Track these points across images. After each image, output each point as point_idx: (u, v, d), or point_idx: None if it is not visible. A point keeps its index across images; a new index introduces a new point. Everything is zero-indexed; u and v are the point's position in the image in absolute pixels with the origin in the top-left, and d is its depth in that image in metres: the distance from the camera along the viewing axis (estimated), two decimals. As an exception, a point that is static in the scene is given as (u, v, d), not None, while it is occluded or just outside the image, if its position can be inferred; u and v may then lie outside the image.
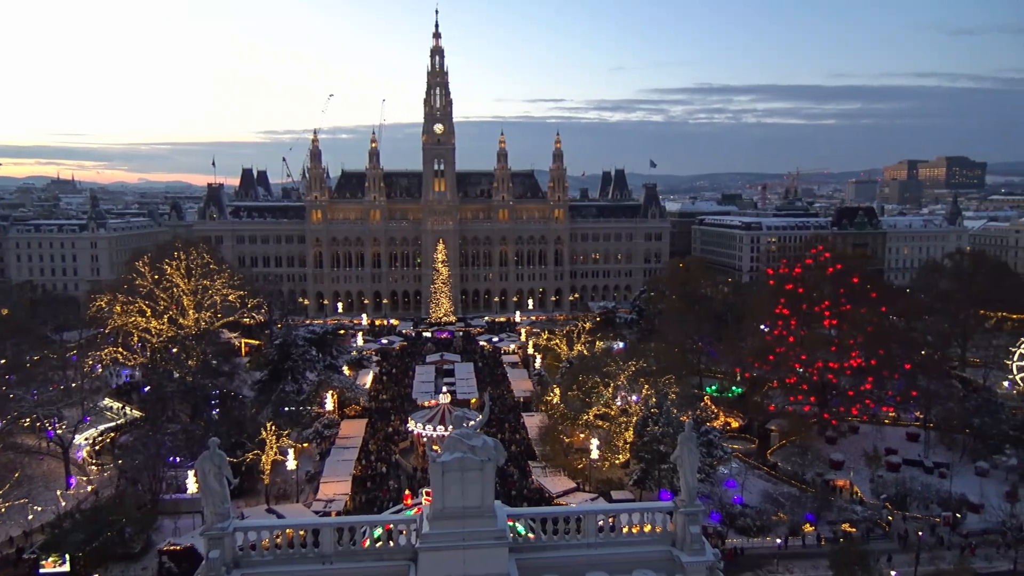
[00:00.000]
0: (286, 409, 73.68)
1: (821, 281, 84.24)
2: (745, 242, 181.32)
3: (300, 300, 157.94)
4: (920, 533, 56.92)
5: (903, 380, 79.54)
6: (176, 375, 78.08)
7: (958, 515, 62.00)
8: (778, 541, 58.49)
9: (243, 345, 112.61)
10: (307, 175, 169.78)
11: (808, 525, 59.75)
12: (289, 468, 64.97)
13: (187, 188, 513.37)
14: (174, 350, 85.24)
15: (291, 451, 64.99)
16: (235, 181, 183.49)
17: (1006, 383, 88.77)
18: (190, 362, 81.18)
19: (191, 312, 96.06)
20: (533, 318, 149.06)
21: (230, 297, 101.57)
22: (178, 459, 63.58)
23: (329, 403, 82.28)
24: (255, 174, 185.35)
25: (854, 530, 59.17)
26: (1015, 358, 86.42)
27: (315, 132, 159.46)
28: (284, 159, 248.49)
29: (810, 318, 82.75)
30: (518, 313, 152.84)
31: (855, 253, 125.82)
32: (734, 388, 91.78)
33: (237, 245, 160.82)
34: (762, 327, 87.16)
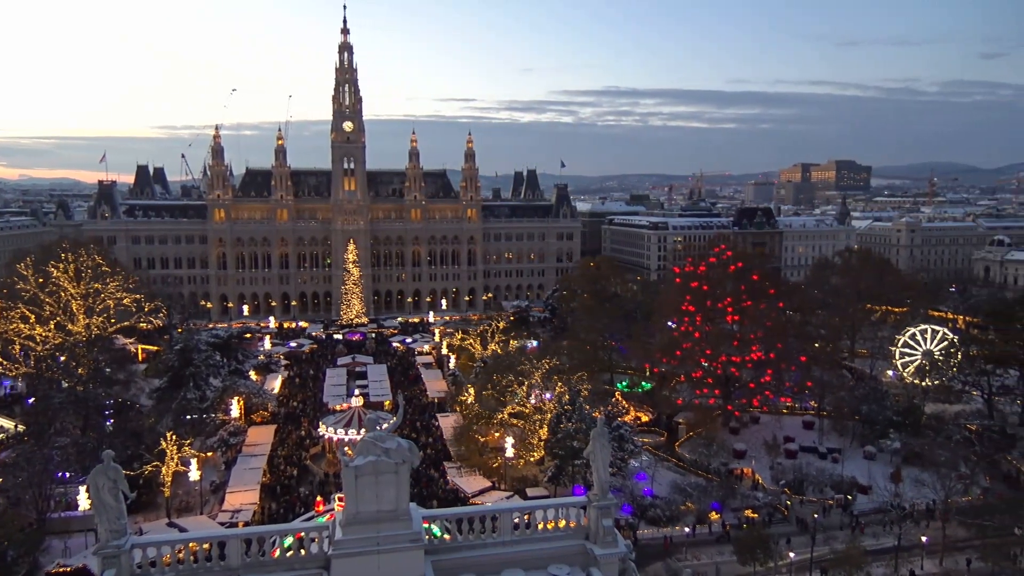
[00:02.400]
0: (188, 417, 70.29)
1: (724, 279, 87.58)
2: (653, 241, 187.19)
3: (202, 303, 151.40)
4: (816, 515, 60.18)
5: (799, 372, 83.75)
6: (65, 385, 73.06)
7: (849, 497, 65.98)
8: (686, 530, 60.53)
9: (140, 351, 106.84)
10: (208, 172, 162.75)
11: (714, 513, 62.08)
12: (192, 479, 61.90)
13: (75, 185, 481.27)
14: (62, 358, 79.82)
15: (194, 461, 61.92)
16: (129, 178, 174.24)
17: (890, 372, 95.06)
18: (80, 371, 76.14)
19: (81, 317, 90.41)
20: (447, 318, 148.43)
21: (125, 301, 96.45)
22: (68, 474, 59.41)
23: (235, 410, 79.13)
24: (151, 171, 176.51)
25: (756, 516, 61.90)
26: (897, 352, 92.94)
27: (217, 128, 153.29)
28: (183, 156, 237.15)
29: (714, 314, 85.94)
30: (432, 313, 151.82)
31: (755, 252, 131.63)
32: (644, 383, 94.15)
33: (132, 246, 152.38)
34: (669, 323, 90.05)
